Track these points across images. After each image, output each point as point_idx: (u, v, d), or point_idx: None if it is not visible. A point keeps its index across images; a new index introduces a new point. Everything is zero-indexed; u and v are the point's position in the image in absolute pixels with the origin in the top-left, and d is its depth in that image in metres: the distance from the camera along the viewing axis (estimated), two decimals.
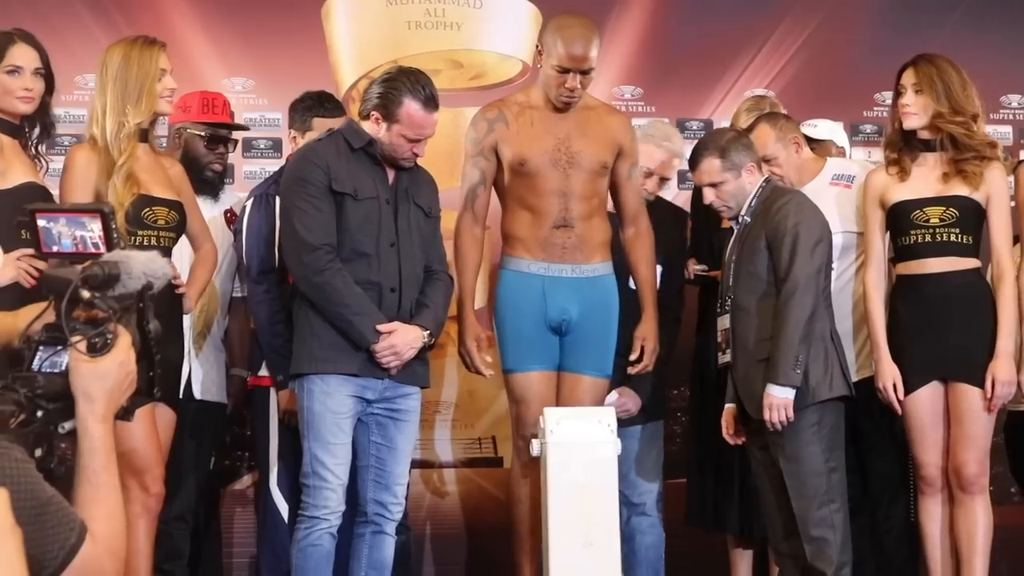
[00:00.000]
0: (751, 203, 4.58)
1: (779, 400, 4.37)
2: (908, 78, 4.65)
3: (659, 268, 5.01)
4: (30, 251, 3.91)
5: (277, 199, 4.76)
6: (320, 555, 4.24)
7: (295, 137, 5.02)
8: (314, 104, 5.01)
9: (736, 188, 4.59)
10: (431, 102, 4.33)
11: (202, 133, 4.97)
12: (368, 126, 4.35)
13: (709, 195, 4.64)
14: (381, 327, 4.24)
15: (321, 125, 4.85)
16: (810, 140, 5.21)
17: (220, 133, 5.02)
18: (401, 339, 4.26)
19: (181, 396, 4.60)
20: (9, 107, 4.21)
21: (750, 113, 5.22)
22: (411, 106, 4.30)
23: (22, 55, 4.22)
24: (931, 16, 6.23)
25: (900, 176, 4.65)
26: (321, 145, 4.39)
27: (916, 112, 4.63)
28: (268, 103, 5.70)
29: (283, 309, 4.67)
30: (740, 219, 4.61)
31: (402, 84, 4.32)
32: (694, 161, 4.67)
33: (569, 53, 4.55)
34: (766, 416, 4.39)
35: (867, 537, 4.90)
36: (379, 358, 4.25)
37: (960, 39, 6.01)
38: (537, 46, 4.69)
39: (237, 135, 5.20)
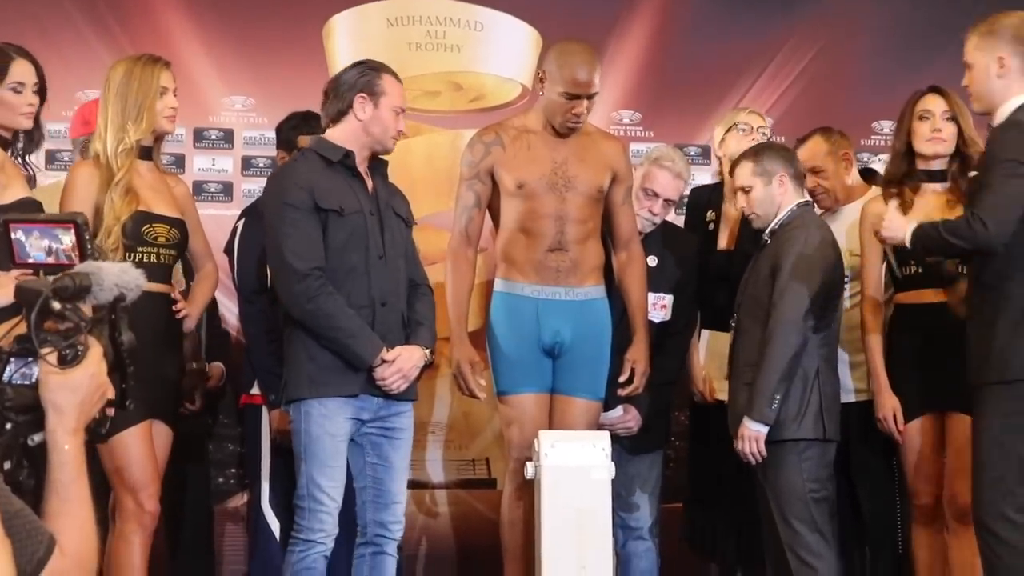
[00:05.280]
0: (775, 225, 4.58)
1: (751, 433, 4.40)
2: (937, 105, 4.65)
3: (671, 296, 5.02)
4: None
5: None
6: None
7: (283, 157, 5.04)
8: (299, 123, 5.03)
9: (764, 196, 4.58)
10: (398, 77, 4.44)
11: None
12: (348, 123, 4.34)
13: (740, 201, 4.66)
14: (386, 356, 4.23)
15: (307, 143, 4.85)
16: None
17: None
18: (407, 363, 4.26)
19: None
20: (11, 123, 4.22)
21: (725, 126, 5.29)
22: (389, 78, 4.38)
23: (24, 72, 4.22)
24: (929, 47, 6.23)
25: (903, 208, 4.60)
26: (299, 165, 4.37)
27: (946, 139, 4.63)
28: (268, 122, 5.69)
29: (275, 328, 4.67)
30: (763, 237, 4.61)
31: (370, 65, 4.42)
32: (733, 168, 4.74)
33: (577, 79, 4.57)
34: (738, 446, 4.43)
35: (858, 568, 4.90)
36: (387, 383, 4.24)
37: (956, 71, 6.01)
38: (538, 73, 4.70)
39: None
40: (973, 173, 4.49)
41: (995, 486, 4.02)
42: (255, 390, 4.93)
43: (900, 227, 4.27)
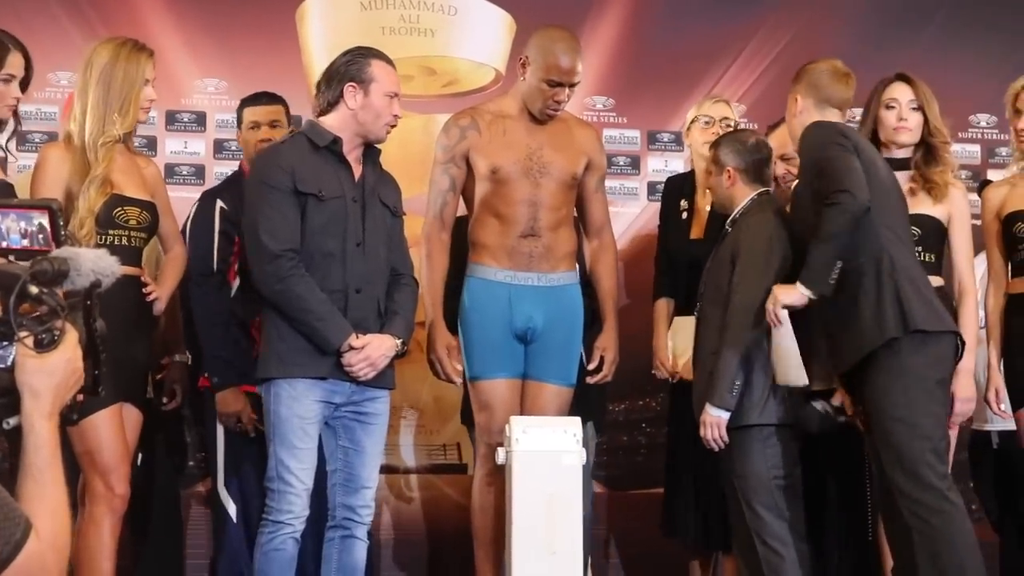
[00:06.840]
0: (736, 214, 4.60)
1: (712, 419, 4.40)
2: (904, 94, 4.66)
3: None
4: None
5: (218, 201, 4.86)
6: (283, 560, 4.22)
7: (238, 134, 5.17)
8: (249, 97, 5.12)
9: (716, 184, 4.67)
10: (390, 61, 4.41)
11: None
12: (339, 111, 4.32)
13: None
14: (355, 342, 4.22)
15: (250, 114, 5.02)
16: None
17: None
18: (376, 351, 4.25)
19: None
20: None
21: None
22: (379, 64, 4.35)
23: (18, 64, 4.14)
24: (902, 34, 6.26)
25: None
26: (285, 147, 4.37)
27: (911, 128, 4.65)
28: None
29: (223, 311, 4.72)
30: (725, 227, 4.63)
31: (360, 51, 4.40)
32: None
33: (561, 66, 4.59)
34: (701, 432, 4.44)
35: (827, 554, 4.92)
36: (354, 370, 4.23)
37: (931, 57, 6.06)
38: (521, 59, 4.69)
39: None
40: (795, 182, 4.66)
41: (910, 457, 4.13)
42: None
43: (791, 289, 4.26)
